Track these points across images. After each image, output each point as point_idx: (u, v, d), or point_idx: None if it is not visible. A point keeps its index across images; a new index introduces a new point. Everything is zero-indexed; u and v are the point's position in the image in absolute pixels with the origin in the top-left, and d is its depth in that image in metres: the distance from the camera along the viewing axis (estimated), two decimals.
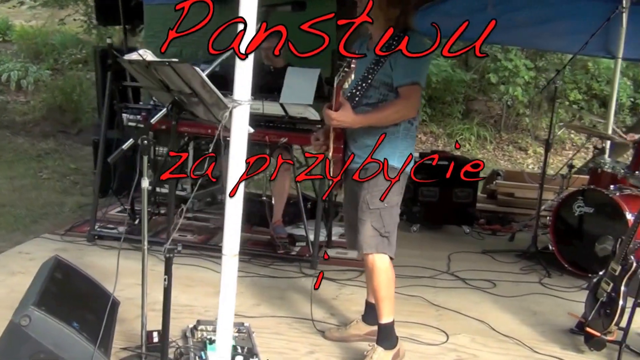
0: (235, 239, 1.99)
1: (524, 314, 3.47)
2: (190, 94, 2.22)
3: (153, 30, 5.55)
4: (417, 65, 2.64)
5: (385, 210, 2.67)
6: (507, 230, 5.30)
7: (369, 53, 2.70)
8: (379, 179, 2.66)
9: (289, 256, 4.26)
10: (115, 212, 5.01)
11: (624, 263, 2.86)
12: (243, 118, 1.94)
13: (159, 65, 2.23)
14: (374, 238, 2.68)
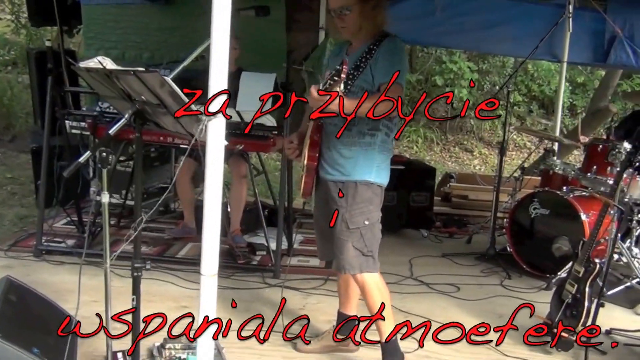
0: (214, 258, 1.89)
1: (489, 318, 3.50)
2: (157, 104, 2.09)
3: (92, 31, 5.37)
4: (396, 64, 2.55)
5: (366, 228, 2.60)
6: (464, 233, 5.37)
7: (349, 58, 2.58)
8: (356, 196, 2.58)
9: (250, 266, 4.17)
10: (61, 225, 4.77)
11: (587, 265, 2.93)
12: (219, 131, 1.84)
13: (121, 74, 2.09)
14: (357, 258, 2.60)
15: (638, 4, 5.05)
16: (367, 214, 2.59)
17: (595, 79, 11.55)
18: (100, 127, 4.17)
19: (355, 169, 2.58)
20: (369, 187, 2.60)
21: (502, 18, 5.28)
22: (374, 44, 2.55)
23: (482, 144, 11.73)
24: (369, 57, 2.54)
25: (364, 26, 2.56)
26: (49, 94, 4.00)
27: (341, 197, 2.59)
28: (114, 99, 2.33)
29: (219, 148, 1.84)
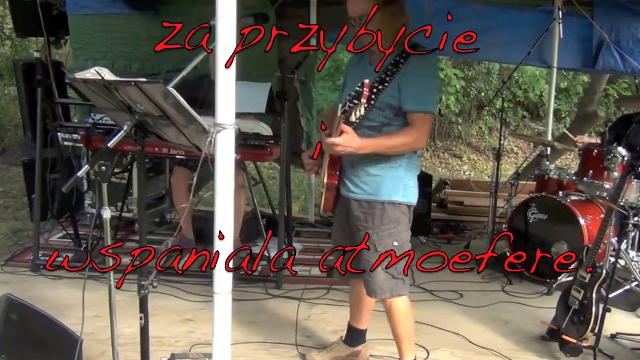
0: (228, 276, 1.85)
1: (495, 324, 3.52)
2: (160, 116, 2.05)
3: (80, 42, 5.27)
4: (429, 88, 2.41)
5: (396, 250, 2.48)
6: (461, 239, 5.39)
7: (372, 67, 2.45)
8: (384, 217, 2.45)
9: (251, 277, 4.15)
10: (57, 238, 4.71)
11: (593, 271, 2.95)
12: (228, 143, 1.81)
13: (121, 85, 2.05)
14: (387, 282, 2.50)
15: (624, 10, 5.12)
16: (395, 235, 2.47)
17: (578, 84, 11.72)
18: (93, 139, 4.13)
19: (381, 188, 2.45)
20: (396, 207, 2.47)
21: (490, 25, 5.29)
22: (401, 54, 2.38)
23: (471, 150, 11.82)
24: (396, 69, 2.36)
25: (388, 30, 2.39)
26: (40, 106, 3.94)
27: (368, 219, 2.48)
28: (112, 111, 2.28)
29: (229, 160, 1.81)
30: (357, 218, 2.51)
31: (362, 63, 2.56)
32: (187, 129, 2.03)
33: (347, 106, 2.10)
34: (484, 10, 5.25)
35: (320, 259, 4.60)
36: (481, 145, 12.07)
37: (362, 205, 2.49)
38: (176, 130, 2.07)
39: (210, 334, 3.21)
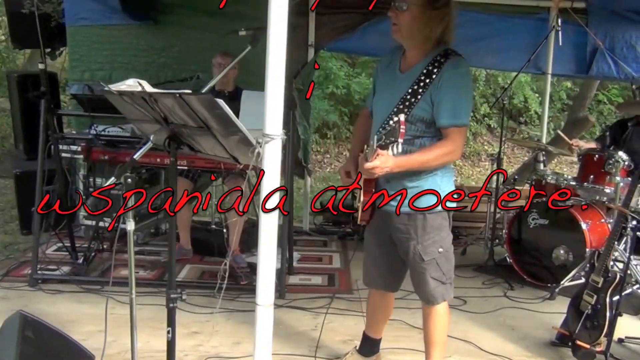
0: (271, 287, 1.83)
1: (502, 330, 3.52)
2: (199, 127, 2.03)
3: (78, 53, 5.26)
4: (464, 100, 2.36)
5: (441, 256, 2.48)
6: (456, 244, 5.38)
7: (404, 76, 2.40)
8: (426, 226, 2.43)
9: (253, 287, 4.08)
10: (52, 251, 4.62)
11: (605, 275, 2.96)
12: (276, 154, 1.79)
13: (161, 97, 2.02)
14: (438, 289, 2.51)
15: (618, 17, 5.23)
16: (439, 242, 2.47)
17: (562, 90, 11.90)
18: (94, 151, 4.08)
19: (421, 198, 2.41)
20: (438, 214, 2.45)
21: (487, 32, 5.38)
22: (434, 64, 2.31)
23: None
24: (429, 81, 2.31)
25: (418, 34, 2.32)
26: (43, 118, 3.87)
27: (409, 230, 2.45)
28: (143, 122, 2.25)
29: (275, 172, 1.79)
30: (399, 230, 2.49)
31: (392, 68, 2.49)
32: (227, 140, 2.00)
33: (384, 141, 2.09)
34: (481, 18, 5.31)
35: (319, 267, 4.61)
36: (466, 151, 12.14)
37: (403, 217, 2.46)
38: (214, 141, 2.04)
39: (219, 347, 3.20)
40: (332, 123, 10.83)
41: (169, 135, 2.14)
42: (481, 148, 12.18)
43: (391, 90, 2.42)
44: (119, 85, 2.14)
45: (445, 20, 2.35)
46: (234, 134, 1.92)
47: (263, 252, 1.82)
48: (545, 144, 4.94)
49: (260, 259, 1.82)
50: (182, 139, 2.18)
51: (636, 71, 5.23)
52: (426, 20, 2.30)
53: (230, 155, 2.08)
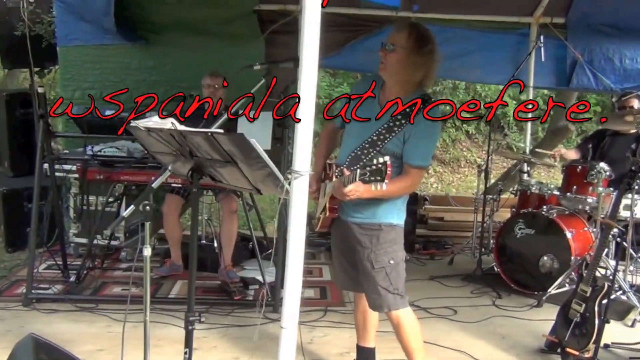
0: (296, 310, 1.92)
1: (493, 339, 3.62)
2: (227, 161, 2.10)
3: (69, 72, 5.32)
4: (431, 146, 2.60)
5: (391, 267, 2.63)
6: (443, 254, 5.52)
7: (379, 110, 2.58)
8: (380, 238, 2.61)
9: (247, 301, 4.16)
10: (43, 270, 4.61)
11: (593, 284, 3.08)
12: (303, 189, 1.89)
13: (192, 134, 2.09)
14: (385, 297, 2.64)
15: (595, 32, 5.45)
16: (391, 253, 2.63)
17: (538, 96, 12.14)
18: (89, 171, 4.11)
19: (377, 212, 2.61)
20: (392, 228, 2.64)
21: (471, 48, 5.56)
22: (411, 107, 2.50)
23: (436, 162, 12.06)
24: (404, 122, 2.50)
25: (401, 75, 2.53)
26: (40, 138, 3.91)
27: (365, 239, 2.62)
28: (165, 154, 2.32)
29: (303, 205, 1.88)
30: (356, 239, 2.67)
31: (371, 98, 2.66)
32: (253, 173, 2.07)
33: (367, 178, 2.22)
34: (466, 34, 5.49)
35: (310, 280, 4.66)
36: (446, 157, 12.34)
37: (362, 227, 2.65)
38: (238, 173, 2.12)
39: None
40: (314, 132, 10.93)
41: (192, 167, 2.21)
42: (460, 154, 12.38)
43: (367, 122, 2.60)
44: (146, 122, 2.21)
45: (427, 66, 2.54)
46: (262, 169, 2.01)
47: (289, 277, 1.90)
48: (530, 157, 5.08)
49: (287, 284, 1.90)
50: (204, 171, 2.26)
51: (614, 83, 5.43)
52: (410, 64, 2.50)
53: (253, 187, 2.16)
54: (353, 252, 2.73)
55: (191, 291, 2.30)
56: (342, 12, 5.47)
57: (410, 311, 2.74)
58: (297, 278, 1.91)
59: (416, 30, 2.53)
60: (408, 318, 2.71)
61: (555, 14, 5.47)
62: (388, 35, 2.55)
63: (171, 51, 5.30)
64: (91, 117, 4.23)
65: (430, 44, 2.53)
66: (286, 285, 1.91)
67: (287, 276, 1.90)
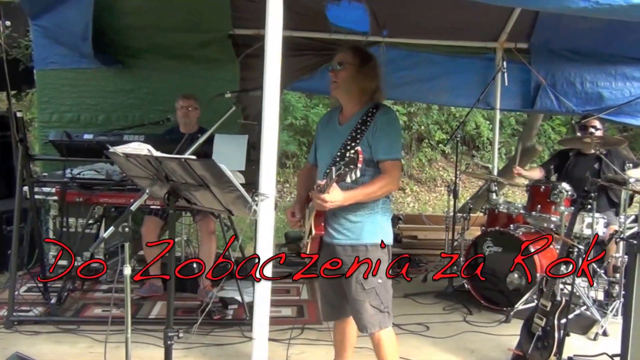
0: (266, 322, 2.03)
1: (462, 353, 3.77)
2: (200, 185, 2.23)
3: (47, 95, 5.40)
4: (395, 140, 2.73)
5: (380, 286, 2.72)
6: (417, 272, 5.67)
7: (342, 128, 2.76)
8: (367, 259, 2.68)
9: (226, 321, 4.24)
10: (23, 292, 4.64)
11: (553, 299, 3.25)
12: (269, 210, 2.02)
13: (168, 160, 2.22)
14: (376, 316, 2.72)
15: (557, 56, 5.72)
16: (379, 273, 2.71)
17: (511, 116, 12.50)
18: (68, 193, 4.18)
19: (362, 233, 2.70)
20: (377, 247, 2.72)
21: (439, 72, 5.81)
22: (367, 114, 2.70)
23: (413, 182, 12.29)
24: (364, 127, 2.68)
25: (354, 90, 2.73)
26: (20, 162, 3.98)
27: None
28: (142, 178, 2.44)
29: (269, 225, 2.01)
30: (342, 262, 2.74)
31: (332, 124, 2.86)
32: (224, 196, 2.20)
33: (343, 170, 2.35)
34: (433, 58, 5.72)
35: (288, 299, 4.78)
36: (422, 177, 12.57)
37: (347, 249, 2.73)
38: (211, 196, 2.24)
39: None
40: (292, 153, 11.12)
41: (169, 191, 2.33)
42: (437, 174, 12.63)
43: (333, 141, 2.77)
44: (124, 148, 2.33)
45: (376, 77, 2.77)
46: (232, 192, 2.13)
47: (259, 292, 2.02)
48: (497, 177, 5.28)
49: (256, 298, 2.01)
50: (180, 194, 2.38)
51: (576, 105, 5.70)
52: (361, 77, 2.73)
53: (225, 209, 2.29)
54: (339, 278, 2.79)
55: (170, 308, 2.39)
56: (314, 36, 5.67)
57: (391, 330, 2.82)
58: (266, 290, 2.03)
59: (359, 49, 2.80)
60: (389, 336, 2.80)
61: (518, 39, 5.74)
62: (334, 58, 2.77)
63: (148, 75, 5.42)
64: (69, 142, 4.29)
65: (374, 59, 2.79)
66: (255, 298, 2.03)
67: (256, 289, 2.02)
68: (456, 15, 5.13)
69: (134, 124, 5.01)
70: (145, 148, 2.25)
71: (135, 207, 2.38)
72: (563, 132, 12.34)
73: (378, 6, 5.25)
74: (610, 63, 5.63)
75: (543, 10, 4.19)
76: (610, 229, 4.47)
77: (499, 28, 5.72)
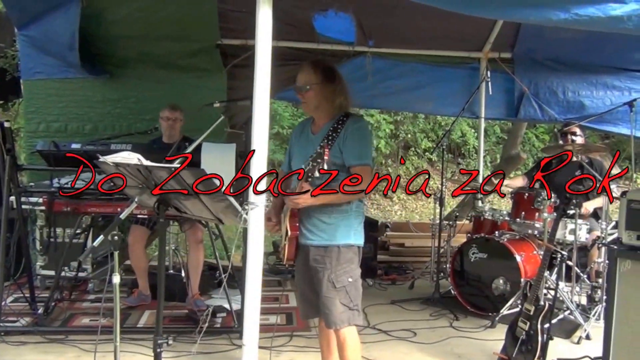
0: (256, 329, 2.07)
1: (450, 358, 3.81)
2: (190, 194, 2.27)
3: (33, 105, 5.42)
4: (365, 146, 2.84)
5: (350, 285, 2.83)
6: (405, 279, 5.73)
7: (315, 137, 2.88)
8: (340, 258, 2.81)
9: (214, 329, 4.26)
10: (10, 302, 4.62)
11: (536, 303, 3.32)
12: (259, 219, 2.06)
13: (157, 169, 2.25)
14: (345, 313, 2.81)
15: (540, 66, 5.84)
16: (350, 272, 2.83)
17: (495, 124, 12.66)
18: (56, 203, 4.19)
19: (336, 234, 2.82)
20: (349, 248, 2.85)
21: (425, 81, 5.90)
22: (338, 123, 2.81)
23: (400, 190, 12.36)
24: (335, 135, 2.79)
25: (323, 105, 2.84)
26: (7, 172, 3.99)
27: (325, 260, 2.81)
28: (130, 187, 2.47)
29: (259, 233, 2.05)
30: (316, 261, 2.86)
31: (305, 134, 2.98)
32: (214, 205, 2.24)
33: (311, 165, 2.52)
34: (418, 68, 5.82)
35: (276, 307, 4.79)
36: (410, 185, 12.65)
37: (320, 250, 2.84)
38: (201, 205, 2.28)
39: None
40: (278, 162, 11.15)
41: (159, 200, 2.36)
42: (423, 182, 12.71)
43: (306, 149, 2.87)
44: (114, 157, 2.36)
45: (343, 90, 2.88)
46: (221, 201, 2.17)
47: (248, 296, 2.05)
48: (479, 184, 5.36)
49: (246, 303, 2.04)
50: (170, 203, 2.41)
51: (558, 114, 5.80)
52: (328, 94, 2.84)
53: (215, 217, 2.32)
54: (314, 275, 2.89)
55: (159, 315, 2.41)
56: (302, 46, 5.74)
57: (355, 330, 2.91)
58: (255, 295, 2.07)
59: (319, 66, 2.87)
60: (354, 336, 2.89)
61: (502, 49, 5.85)
62: (297, 80, 2.86)
63: (135, 84, 5.45)
64: (57, 152, 4.30)
65: (335, 71, 2.90)
66: (246, 304, 2.06)
67: (246, 295, 2.06)
68: (441, 26, 5.23)
69: (122, 133, 5.02)
70: (135, 157, 2.28)
71: (124, 216, 2.40)
72: (547, 140, 12.51)
73: (364, 17, 5.34)
74: (591, 72, 5.75)
75: (525, 22, 4.28)
76: (593, 235, 4.56)
77: (483, 38, 5.83)
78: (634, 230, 2.92)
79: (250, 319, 2.06)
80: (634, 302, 2.89)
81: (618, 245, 3.00)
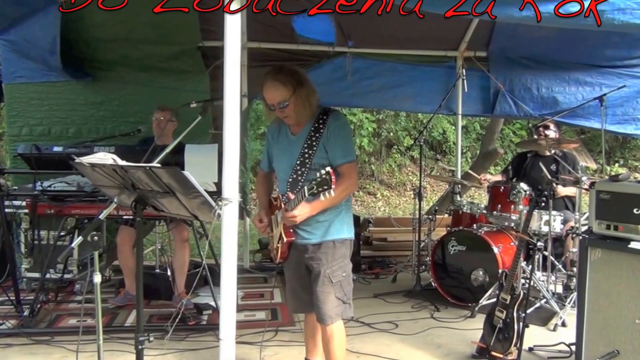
0: (233, 323, 2.14)
1: (430, 348, 3.93)
2: (166, 192, 2.33)
3: (16, 109, 5.44)
4: (348, 142, 2.89)
5: (344, 279, 2.91)
6: (387, 273, 5.85)
7: (297, 137, 2.90)
8: (335, 254, 2.88)
9: (201, 326, 4.33)
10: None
11: (512, 293, 3.44)
12: (233, 214, 2.14)
13: (133, 169, 2.31)
14: (338, 307, 2.89)
15: (514, 64, 6.00)
16: (344, 267, 2.92)
17: (475, 121, 12.84)
18: (39, 206, 4.22)
19: (330, 230, 2.89)
20: (343, 243, 2.93)
21: (403, 80, 6.04)
22: (319, 121, 2.85)
23: (384, 187, 12.51)
24: (318, 134, 2.83)
25: (302, 112, 2.84)
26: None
27: (321, 257, 2.87)
28: (109, 187, 2.53)
29: (233, 228, 2.13)
30: (312, 258, 2.92)
31: (283, 134, 2.98)
32: (189, 202, 2.31)
33: (316, 190, 2.50)
34: (397, 67, 5.95)
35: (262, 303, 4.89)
36: (392, 181, 12.80)
37: (315, 247, 2.91)
38: (177, 202, 2.35)
39: None
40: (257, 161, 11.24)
41: (136, 199, 2.43)
42: (406, 178, 12.88)
43: (289, 151, 2.91)
44: (89, 158, 2.42)
45: (311, 85, 2.87)
46: (196, 198, 2.25)
47: (224, 292, 2.13)
48: (460, 179, 5.49)
49: (222, 298, 2.12)
50: (147, 202, 2.48)
51: (533, 109, 5.96)
52: (304, 99, 2.82)
53: (191, 214, 2.40)
54: (308, 272, 2.96)
55: (139, 313, 2.48)
56: (282, 47, 5.83)
57: (342, 324, 2.99)
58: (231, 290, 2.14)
59: (284, 75, 2.79)
60: (341, 331, 2.98)
61: (477, 48, 6.00)
62: (269, 99, 2.80)
63: (118, 87, 5.49)
64: (39, 155, 4.33)
65: (299, 72, 2.86)
66: (222, 298, 2.14)
67: (222, 289, 2.13)
68: (418, 26, 5.34)
69: (105, 135, 5.07)
70: (110, 158, 2.34)
71: (104, 216, 2.46)
72: (523, 136, 12.73)
73: (343, 18, 5.44)
74: (563, 69, 5.91)
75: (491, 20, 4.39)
76: (568, 226, 4.71)
77: (458, 38, 5.97)
78: (604, 219, 3.05)
79: (226, 313, 2.13)
80: (604, 290, 3.02)
81: (589, 235, 3.12)
